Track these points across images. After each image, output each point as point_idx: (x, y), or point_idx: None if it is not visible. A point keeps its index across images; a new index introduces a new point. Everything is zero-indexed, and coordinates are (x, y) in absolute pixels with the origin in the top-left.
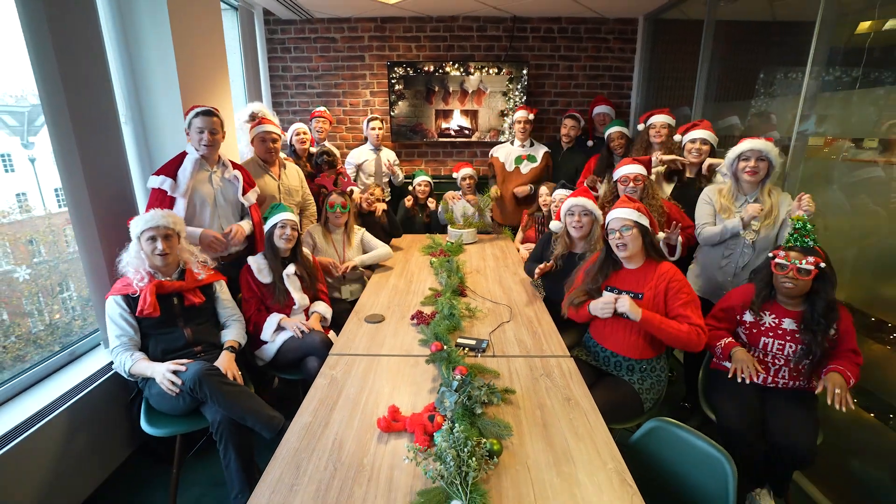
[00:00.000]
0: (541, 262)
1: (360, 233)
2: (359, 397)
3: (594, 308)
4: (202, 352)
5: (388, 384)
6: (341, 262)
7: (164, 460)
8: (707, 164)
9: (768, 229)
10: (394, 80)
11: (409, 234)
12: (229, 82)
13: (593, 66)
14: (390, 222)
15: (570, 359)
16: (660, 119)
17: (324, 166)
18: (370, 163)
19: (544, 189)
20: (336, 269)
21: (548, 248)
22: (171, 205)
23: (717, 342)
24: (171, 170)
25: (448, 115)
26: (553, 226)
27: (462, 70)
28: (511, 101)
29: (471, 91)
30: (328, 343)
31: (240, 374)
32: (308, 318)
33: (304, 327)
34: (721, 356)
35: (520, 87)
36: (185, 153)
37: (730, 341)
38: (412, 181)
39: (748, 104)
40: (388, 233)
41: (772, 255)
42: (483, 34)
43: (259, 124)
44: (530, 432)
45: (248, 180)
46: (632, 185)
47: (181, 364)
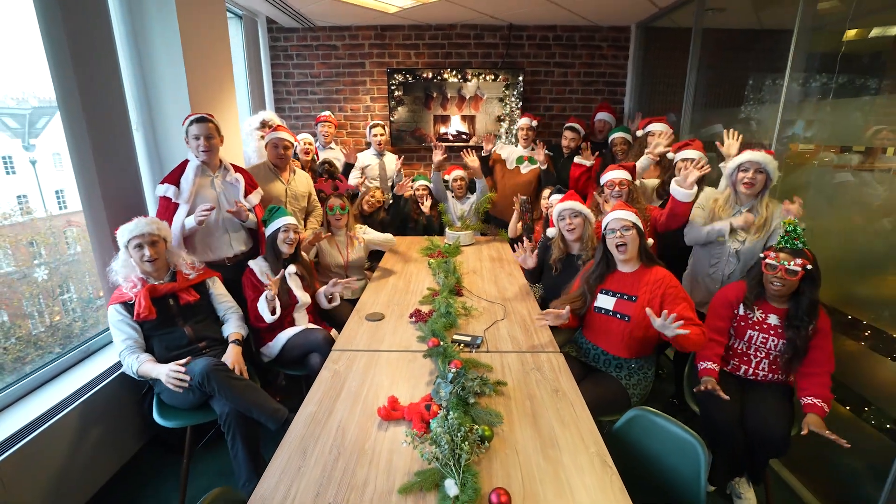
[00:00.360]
0: (542, 270)
1: (362, 230)
2: (360, 389)
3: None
4: (206, 347)
5: (388, 377)
6: (345, 261)
7: (174, 452)
8: (658, 153)
9: (757, 240)
10: (393, 87)
11: (408, 236)
12: (235, 89)
13: (587, 72)
14: (390, 221)
15: (559, 354)
16: (657, 127)
17: (325, 175)
18: (373, 167)
19: (546, 192)
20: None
21: (547, 252)
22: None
23: (704, 361)
24: (174, 178)
25: (446, 120)
26: (549, 233)
27: (460, 76)
28: (507, 106)
29: (468, 97)
30: (330, 340)
31: (246, 368)
32: (310, 316)
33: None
34: (698, 373)
35: (516, 93)
36: (187, 161)
37: (711, 368)
38: (413, 185)
39: (733, 111)
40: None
41: (763, 255)
42: (480, 42)
43: (274, 131)
44: (520, 420)
45: (250, 182)
46: (617, 188)
47: (181, 364)
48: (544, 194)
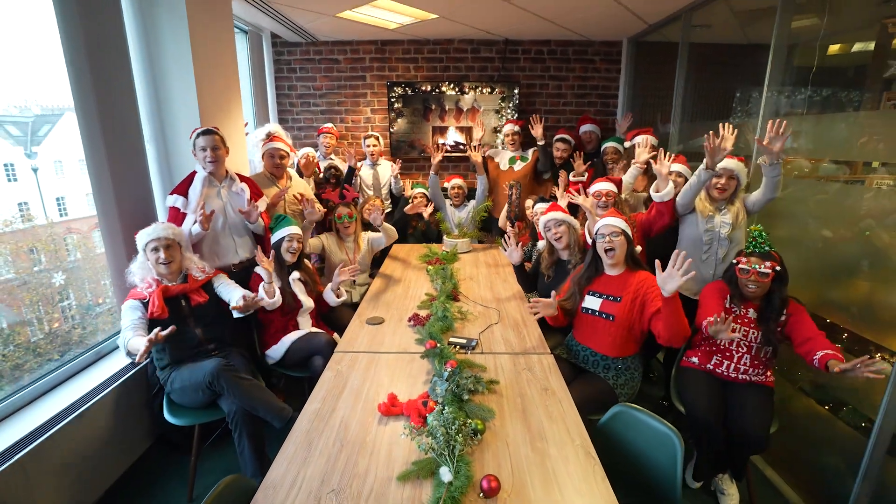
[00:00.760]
0: (537, 279)
1: (366, 236)
2: (361, 388)
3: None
4: (215, 349)
5: (388, 377)
6: (351, 262)
7: (180, 450)
8: (643, 160)
9: (742, 221)
10: (393, 99)
11: (408, 243)
12: (241, 103)
13: (581, 85)
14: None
15: (550, 355)
16: (642, 139)
17: (332, 180)
18: (368, 177)
19: (529, 202)
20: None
21: (539, 261)
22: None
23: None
24: (183, 189)
25: (444, 131)
26: (540, 245)
27: (457, 89)
28: (503, 118)
29: (465, 109)
30: (332, 343)
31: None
32: (313, 321)
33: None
34: (704, 328)
35: (512, 105)
36: (195, 172)
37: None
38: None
39: (718, 123)
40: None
41: (735, 260)
42: (477, 56)
43: (270, 142)
44: (511, 416)
45: (256, 191)
46: (603, 199)
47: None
48: (528, 203)
